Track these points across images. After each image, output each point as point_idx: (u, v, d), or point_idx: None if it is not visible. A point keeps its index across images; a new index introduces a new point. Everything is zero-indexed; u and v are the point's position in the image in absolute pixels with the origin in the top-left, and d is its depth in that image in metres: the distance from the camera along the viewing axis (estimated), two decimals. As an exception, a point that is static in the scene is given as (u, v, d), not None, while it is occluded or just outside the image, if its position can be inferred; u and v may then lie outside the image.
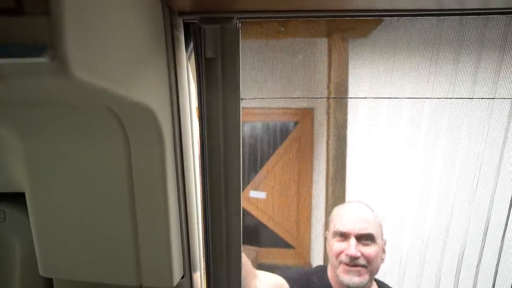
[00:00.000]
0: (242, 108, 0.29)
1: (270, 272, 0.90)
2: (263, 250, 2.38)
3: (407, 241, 1.42)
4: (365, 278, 0.76)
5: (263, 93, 1.26)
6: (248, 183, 2.36)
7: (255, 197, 2.30)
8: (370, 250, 0.77)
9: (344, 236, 0.79)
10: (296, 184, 2.23)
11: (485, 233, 1.05)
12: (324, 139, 1.98)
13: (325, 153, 1.93)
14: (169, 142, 0.29)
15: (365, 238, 0.78)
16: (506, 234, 1.01)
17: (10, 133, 0.29)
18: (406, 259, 1.37)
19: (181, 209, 0.31)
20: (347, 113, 1.56)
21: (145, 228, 0.30)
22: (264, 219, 2.35)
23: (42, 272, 0.32)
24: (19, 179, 0.33)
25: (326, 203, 1.91)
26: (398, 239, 1.39)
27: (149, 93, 0.25)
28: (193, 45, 0.31)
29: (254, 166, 2.50)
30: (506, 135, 1.09)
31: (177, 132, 0.30)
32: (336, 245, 0.80)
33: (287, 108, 2.30)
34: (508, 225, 1.01)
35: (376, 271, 0.80)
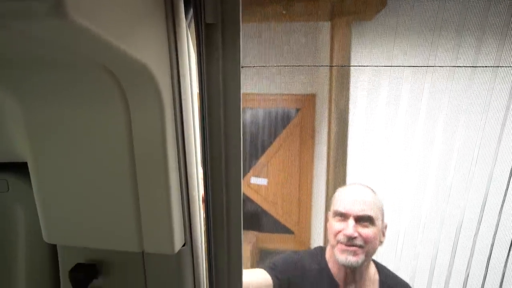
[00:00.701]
0: (243, 94, 0.29)
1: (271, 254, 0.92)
2: (264, 236, 2.42)
3: (406, 221, 1.43)
4: (360, 258, 0.75)
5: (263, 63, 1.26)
6: (249, 170, 2.38)
7: (256, 183, 2.32)
8: (368, 231, 0.77)
9: (343, 216, 0.78)
10: (297, 171, 2.24)
11: (482, 209, 1.06)
12: (326, 124, 1.97)
13: (326, 139, 1.93)
14: (169, 107, 0.29)
15: (363, 220, 0.77)
16: (502, 210, 1.02)
17: (10, 98, 0.29)
18: (404, 240, 1.39)
19: (181, 176, 0.32)
20: (349, 97, 1.55)
21: (146, 194, 0.30)
22: (264, 205, 2.38)
23: (46, 238, 0.33)
24: (20, 148, 0.33)
25: (327, 188, 1.92)
26: (398, 220, 1.41)
27: (148, 54, 0.25)
28: (193, 10, 0.30)
29: (256, 153, 2.50)
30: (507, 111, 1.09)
31: (177, 98, 0.30)
32: (335, 224, 0.81)
33: (289, 95, 2.29)
34: (505, 202, 1.01)
35: (372, 252, 0.80)
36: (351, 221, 0.76)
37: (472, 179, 1.24)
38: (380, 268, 0.84)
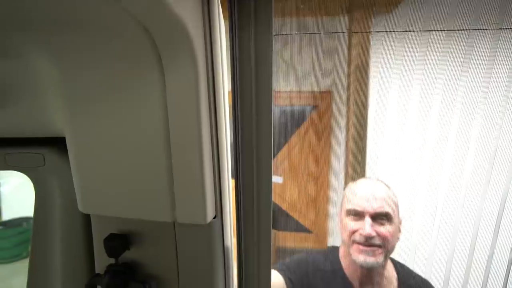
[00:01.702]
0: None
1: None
2: (280, 234, 2.40)
3: (428, 218, 1.38)
4: (380, 258, 0.71)
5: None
6: (265, 168, 2.37)
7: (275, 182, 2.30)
8: (386, 229, 0.72)
9: (358, 215, 0.74)
10: (314, 170, 2.22)
11: (502, 210, 1.01)
12: (344, 121, 1.94)
13: (344, 136, 1.89)
14: (202, 72, 0.29)
15: (380, 217, 0.72)
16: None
17: (48, 65, 0.29)
18: (421, 236, 1.34)
19: (213, 149, 0.31)
20: (368, 93, 1.52)
21: (180, 164, 0.30)
22: (280, 203, 2.36)
23: (81, 208, 0.33)
24: (57, 122, 0.34)
25: (345, 186, 1.88)
26: (421, 218, 1.36)
27: (184, 9, 0.25)
28: (225, -23, 0.30)
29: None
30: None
31: (209, 62, 0.29)
32: (350, 224, 0.75)
33: (305, 92, 2.27)
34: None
35: (391, 251, 0.76)
36: (368, 220, 0.72)
37: (491, 174, 1.18)
38: (398, 266, 0.80)
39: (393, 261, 0.80)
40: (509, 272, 0.94)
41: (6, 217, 3.25)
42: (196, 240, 0.32)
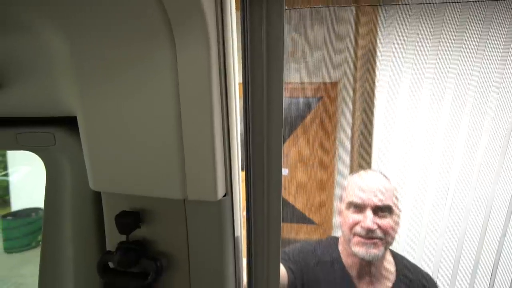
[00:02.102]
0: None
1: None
2: (285, 226, 2.40)
3: (436, 210, 1.37)
4: (380, 250, 0.71)
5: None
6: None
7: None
8: (387, 221, 0.71)
9: (359, 207, 0.72)
10: (320, 161, 2.21)
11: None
12: (350, 112, 1.92)
13: (350, 128, 1.88)
14: (214, 47, 0.28)
15: (382, 210, 0.70)
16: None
17: (59, 39, 0.29)
18: (429, 228, 1.33)
19: (224, 126, 0.31)
20: (375, 82, 1.50)
21: (191, 141, 0.30)
22: (286, 196, 2.36)
23: (92, 186, 0.33)
24: (68, 101, 0.34)
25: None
26: (428, 209, 1.35)
27: None
28: None
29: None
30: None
31: (220, 37, 0.29)
32: (351, 216, 0.73)
33: (310, 83, 2.25)
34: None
35: (391, 242, 0.75)
36: (369, 213, 0.70)
37: (503, 163, 1.17)
38: (397, 258, 0.79)
39: (392, 252, 0.79)
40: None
41: (15, 207, 3.31)
42: (206, 217, 0.32)
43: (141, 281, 0.33)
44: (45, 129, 0.36)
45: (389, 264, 0.76)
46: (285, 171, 2.42)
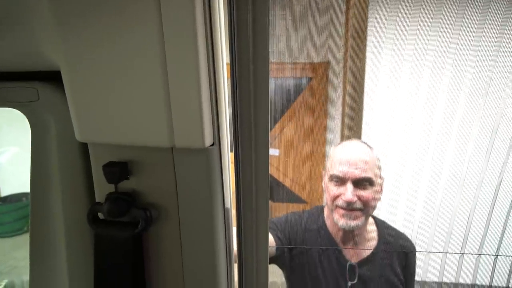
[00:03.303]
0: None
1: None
2: (276, 205, 2.46)
3: (425, 184, 1.42)
4: (360, 220, 0.74)
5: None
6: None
7: (272, 155, 2.33)
8: (367, 193, 0.73)
9: (341, 180, 0.73)
10: (311, 140, 2.23)
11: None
12: (340, 92, 1.93)
13: (340, 107, 1.89)
14: (199, 6, 0.28)
15: (362, 182, 0.72)
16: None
17: None
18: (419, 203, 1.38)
19: (210, 74, 0.31)
20: (365, 60, 1.50)
21: (177, 90, 0.30)
22: (277, 175, 2.40)
23: (78, 137, 0.33)
24: (50, 54, 0.33)
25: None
26: (416, 186, 1.40)
27: None
28: None
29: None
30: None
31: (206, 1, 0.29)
32: (333, 189, 0.75)
33: (301, 63, 2.24)
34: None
35: (372, 211, 0.76)
36: (350, 186, 0.72)
37: (494, 141, 1.20)
38: (378, 222, 0.82)
39: (374, 218, 0.82)
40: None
41: (4, 192, 3.28)
42: (194, 166, 0.33)
43: (131, 231, 0.34)
44: (28, 84, 0.36)
45: (372, 229, 0.80)
46: (276, 152, 2.44)
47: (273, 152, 2.39)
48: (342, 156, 0.76)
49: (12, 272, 2.62)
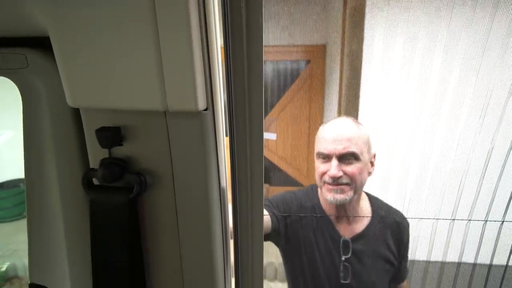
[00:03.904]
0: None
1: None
2: (273, 189, 2.49)
3: (417, 164, 1.44)
4: (348, 195, 0.75)
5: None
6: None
7: (265, 138, 2.32)
8: (352, 168, 0.74)
9: (326, 157, 0.75)
10: (308, 124, 2.24)
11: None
12: (337, 75, 1.92)
13: (337, 90, 1.89)
14: None
15: (347, 157, 0.73)
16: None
17: None
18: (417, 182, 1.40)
19: (202, 37, 0.31)
20: (363, 41, 1.49)
21: (168, 50, 0.30)
22: (274, 159, 2.41)
23: (70, 102, 0.33)
24: (38, 18, 0.32)
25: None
26: (409, 159, 1.42)
27: None
28: None
29: (265, 108, 2.48)
30: None
31: None
32: (320, 166, 0.77)
33: (298, 46, 2.21)
34: None
35: (361, 186, 0.77)
36: (334, 161, 0.74)
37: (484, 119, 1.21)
38: (372, 200, 0.84)
39: (368, 195, 0.84)
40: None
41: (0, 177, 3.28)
42: (188, 131, 0.33)
43: (126, 195, 0.34)
44: (16, 50, 0.35)
45: (365, 205, 0.81)
46: (273, 136, 2.44)
47: (270, 136, 2.39)
48: (327, 134, 0.78)
49: (13, 255, 2.66)
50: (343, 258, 0.78)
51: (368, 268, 0.78)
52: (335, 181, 0.75)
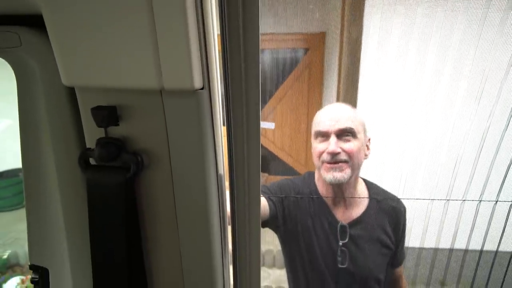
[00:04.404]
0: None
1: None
2: (271, 178, 2.50)
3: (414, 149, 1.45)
4: (346, 173, 0.74)
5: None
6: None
7: (264, 128, 2.32)
8: (350, 145, 0.74)
9: (324, 135, 0.76)
10: (306, 113, 2.23)
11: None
12: (336, 63, 1.91)
13: (336, 78, 1.87)
14: None
15: (345, 134, 0.74)
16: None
17: None
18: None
19: (198, 14, 0.30)
20: (362, 28, 1.47)
21: (163, 28, 0.29)
22: (273, 149, 2.42)
23: (65, 81, 0.33)
24: None
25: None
26: (406, 142, 1.42)
27: None
28: None
29: (264, 97, 2.47)
30: None
31: None
32: (318, 146, 0.77)
33: (298, 34, 2.18)
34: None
35: (358, 166, 0.77)
36: (333, 138, 0.75)
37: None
38: (369, 184, 0.84)
39: (365, 181, 0.84)
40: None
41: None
42: (184, 110, 0.33)
43: (123, 175, 0.34)
44: (8, 29, 0.34)
45: (362, 190, 0.82)
46: (271, 125, 2.44)
47: (268, 125, 2.39)
48: (323, 114, 0.79)
49: (14, 243, 2.69)
50: (340, 243, 0.79)
51: (365, 253, 0.79)
52: (334, 157, 0.75)
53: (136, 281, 0.39)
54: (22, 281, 2.05)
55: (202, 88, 0.33)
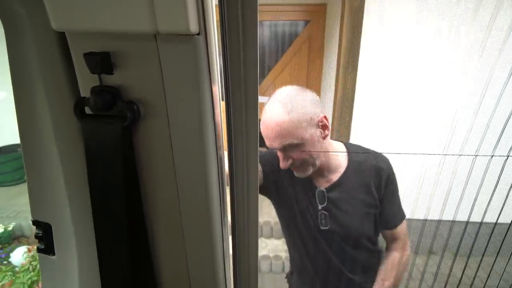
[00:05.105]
0: None
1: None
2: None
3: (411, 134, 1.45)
4: (308, 169, 0.76)
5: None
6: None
7: (261, 102, 2.29)
8: (297, 153, 0.74)
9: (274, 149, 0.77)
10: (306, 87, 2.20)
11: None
12: (337, 35, 1.86)
13: (336, 51, 1.83)
14: None
15: (288, 148, 0.73)
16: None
17: None
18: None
19: None
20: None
21: None
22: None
23: (55, 26, 0.32)
24: None
25: (334, 104, 1.89)
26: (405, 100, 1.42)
27: None
28: None
29: (262, 71, 2.42)
30: None
31: None
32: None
33: (298, 5, 2.11)
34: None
35: (317, 156, 0.77)
36: (280, 154, 0.74)
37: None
38: (348, 147, 0.85)
39: (345, 144, 0.85)
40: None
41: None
42: (180, 56, 0.32)
43: (120, 124, 0.34)
44: None
45: (339, 156, 0.81)
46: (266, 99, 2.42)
47: (266, 100, 2.35)
48: (263, 130, 0.74)
49: (18, 216, 2.74)
50: (319, 207, 0.81)
51: (347, 214, 0.80)
52: (290, 167, 0.76)
53: (136, 230, 0.40)
54: (29, 250, 2.13)
55: (198, 34, 0.32)
